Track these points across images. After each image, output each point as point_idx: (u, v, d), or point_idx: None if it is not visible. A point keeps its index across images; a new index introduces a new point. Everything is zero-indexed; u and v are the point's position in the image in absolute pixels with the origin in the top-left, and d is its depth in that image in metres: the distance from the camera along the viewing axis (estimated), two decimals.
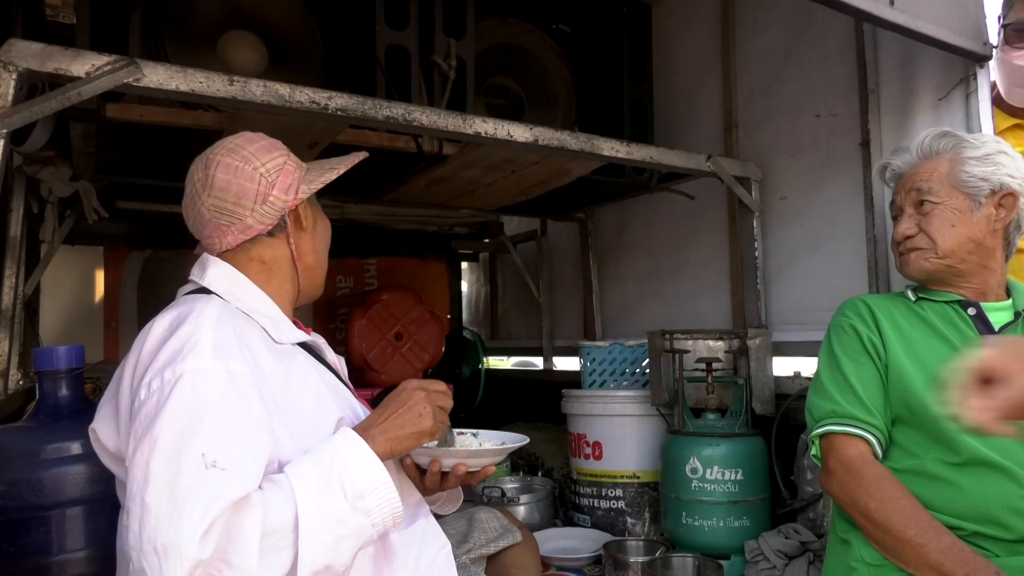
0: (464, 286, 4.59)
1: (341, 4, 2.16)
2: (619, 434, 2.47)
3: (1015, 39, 1.87)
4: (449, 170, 2.48)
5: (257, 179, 1.15)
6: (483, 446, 1.25)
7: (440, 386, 1.13)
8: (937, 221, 1.46)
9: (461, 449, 1.18)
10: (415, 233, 3.80)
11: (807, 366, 2.56)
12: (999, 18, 1.91)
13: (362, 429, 1.05)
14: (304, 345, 1.20)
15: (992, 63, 1.93)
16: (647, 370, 2.56)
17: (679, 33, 2.98)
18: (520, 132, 1.97)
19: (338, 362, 1.30)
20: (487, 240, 4.10)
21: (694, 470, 2.10)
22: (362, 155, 1.30)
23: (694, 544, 2.10)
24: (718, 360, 2.28)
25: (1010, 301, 1.49)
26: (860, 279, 2.27)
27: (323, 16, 2.21)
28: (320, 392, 1.12)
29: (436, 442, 1.21)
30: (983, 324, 1.45)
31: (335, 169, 1.24)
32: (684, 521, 2.12)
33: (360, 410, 1.19)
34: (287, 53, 2.18)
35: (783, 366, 2.49)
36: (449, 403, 1.13)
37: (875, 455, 1.39)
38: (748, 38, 2.72)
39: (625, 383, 2.65)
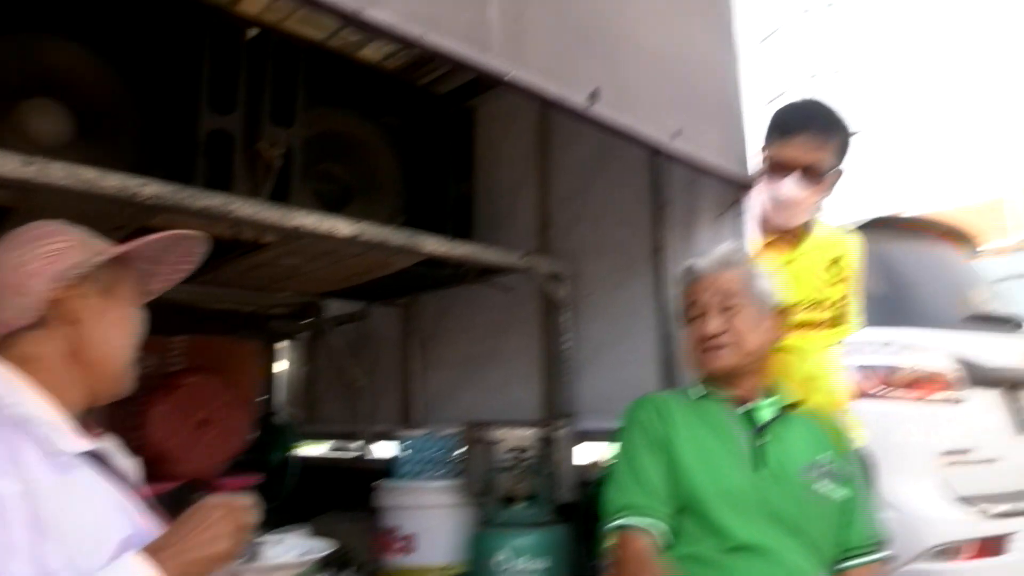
0: (282, 367, 4.42)
1: (162, 82, 2.10)
2: (433, 526, 2.47)
3: (774, 171, 2.18)
4: (269, 257, 2.44)
5: (13, 269, 1.07)
6: (284, 557, 1.22)
7: (244, 502, 1.07)
8: (744, 322, 1.65)
9: (258, 564, 1.14)
10: (230, 313, 3.63)
11: (608, 453, 2.72)
12: (762, 150, 2.22)
13: (152, 551, 0.98)
14: (92, 452, 1.12)
15: (756, 189, 2.24)
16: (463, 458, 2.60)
17: (501, 136, 3.17)
18: (343, 227, 2.00)
19: (130, 467, 1.22)
20: (307, 321, 4.01)
21: (502, 562, 2.15)
22: (159, 236, 1.18)
23: None
24: (525, 450, 2.38)
25: (774, 399, 1.72)
26: (654, 373, 2.47)
27: (141, 92, 2.11)
28: (105, 508, 1.04)
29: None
30: (750, 421, 1.66)
31: (104, 254, 1.13)
32: None
33: (150, 527, 1.12)
34: (97, 127, 2.06)
35: (590, 452, 2.64)
36: (252, 520, 1.07)
37: (662, 546, 1.52)
38: (561, 148, 2.96)
39: (440, 472, 2.66)
